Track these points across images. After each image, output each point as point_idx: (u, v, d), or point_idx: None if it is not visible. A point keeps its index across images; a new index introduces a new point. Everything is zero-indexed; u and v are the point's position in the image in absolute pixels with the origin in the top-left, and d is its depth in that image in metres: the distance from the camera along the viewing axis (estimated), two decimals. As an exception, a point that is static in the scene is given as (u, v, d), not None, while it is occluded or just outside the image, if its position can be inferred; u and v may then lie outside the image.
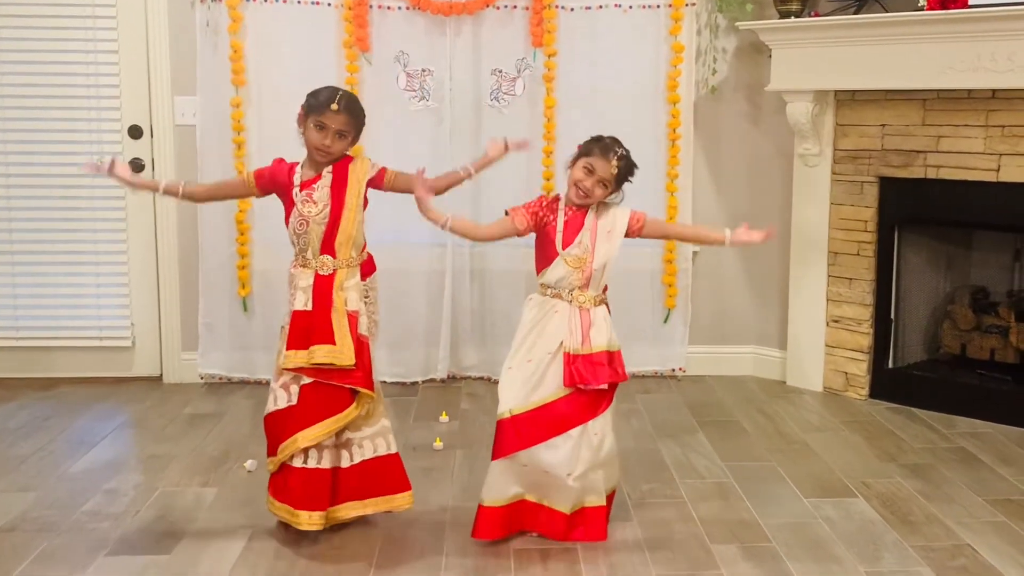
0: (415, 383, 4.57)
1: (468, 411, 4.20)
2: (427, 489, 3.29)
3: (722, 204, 4.64)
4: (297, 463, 2.90)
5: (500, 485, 2.89)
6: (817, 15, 4.19)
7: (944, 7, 3.76)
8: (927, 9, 3.81)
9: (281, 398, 2.93)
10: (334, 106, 2.84)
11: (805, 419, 4.09)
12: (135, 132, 4.44)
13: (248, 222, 4.43)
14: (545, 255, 2.90)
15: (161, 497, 3.27)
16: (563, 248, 2.86)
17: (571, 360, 2.83)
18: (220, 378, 4.55)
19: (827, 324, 4.41)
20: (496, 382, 4.47)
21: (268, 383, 4.45)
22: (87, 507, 3.18)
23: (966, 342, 4.30)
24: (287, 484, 2.91)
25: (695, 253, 4.63)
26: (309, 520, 2.88)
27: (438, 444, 3.73)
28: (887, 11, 4.05)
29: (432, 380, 4.59)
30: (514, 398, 2.87)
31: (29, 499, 3.24)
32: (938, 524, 3.06)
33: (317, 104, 2.87)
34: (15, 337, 4.54)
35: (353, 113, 2.90)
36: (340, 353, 2.86)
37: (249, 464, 3.51)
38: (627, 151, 2.89)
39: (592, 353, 2.84)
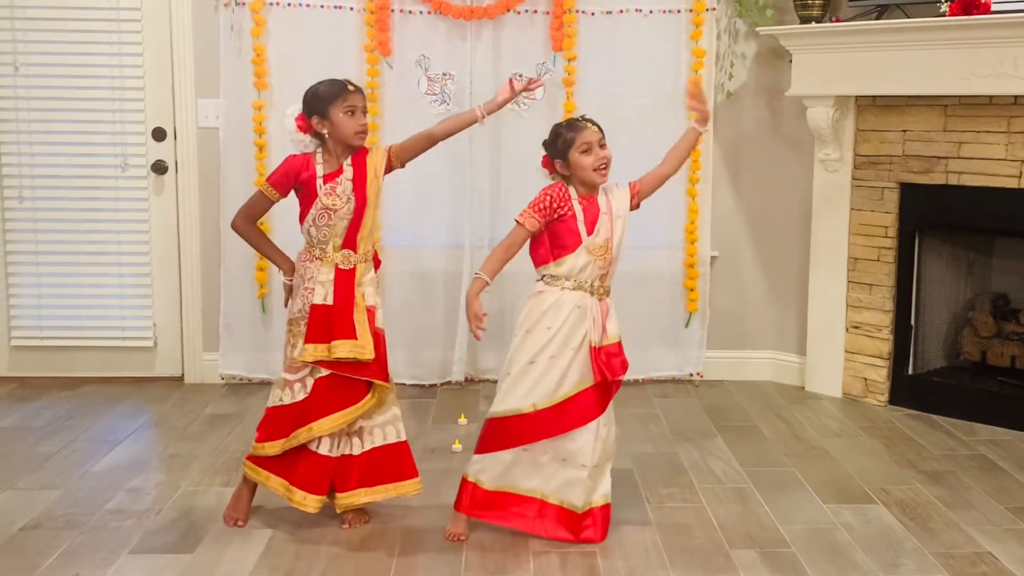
0: (433, 385, 4.59)
1: (486, 413, 4.20)
2: (446, 491, 3.29)
3: (742, 209, 4.64)
4: (311, 447, 2.95)
5: (507, 472, 2.90)
6: (838, 20, 4.18)
7: (966, 13, 3.75)
8: (949, 15, 3.80)
9: (287, 395, 2.96)
10: (351, 86, 2.91)
11: (824, 425, 4.08)
12: (159, 134, 4.48)
13: (268, 224, 4.45)
14: (561, 244, 2.86)
15: (183, 496, 3.30)
16: (587, 235, 2.84)
17: (597, 354, 2.84)
18: (240, 378, 4.58)
19: (847, 330, 4.40)
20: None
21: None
22: (110, 505, 3.22)
23: (986, 349, 4.28)
24: (294, 462, 2.95)
25: (714, 257, 4.64)
26: (303, 500, 2.94)
27: (457, 446, 3.75)
28: (909, 17, 4.04)
29: (449, 383, 4.60)
30: (540, 393, 2.85)
31: (53, 497, 3.27)
32: (958, 531, 3.05)
33: (336, 92, 2.89)
34: (39, 337, 4.59)
35: (361, 89, 2.97)
36: (363, 348, 2.90)
37: (270, 464, 3.54)
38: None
39: (610, 344, 2.87)
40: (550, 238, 2.90)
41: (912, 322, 4.30)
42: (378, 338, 2.97)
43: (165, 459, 3.66)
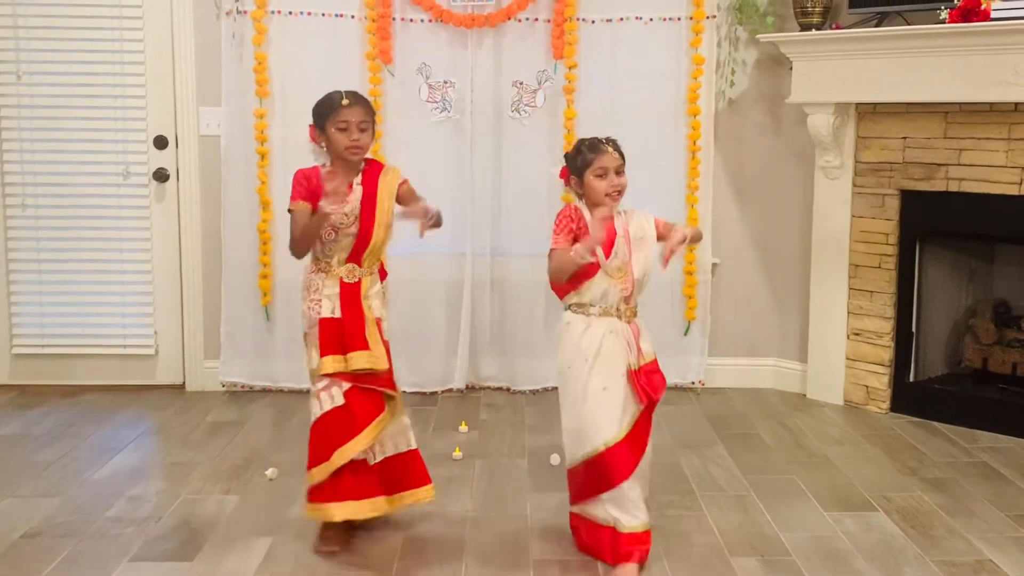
0: (434, 393, 4.59)
1: (487, 421, 4.22)
2: (447, 499, 3.30)
3: (743, 216, 4.64)
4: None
5: (640, 502, 2.82)
6: (838, 28, 4.19)
7: (966, 20, 3.75)
8: (949, 22, 3.80)
9: (326, 402, 2.92)
10: (345, 100, 2.88)
11: (826, 432, 4.08)
12: (160, 142, 4.49)
13: (271, 232, 4.47)
14: (580, 271, 2.79)
15: (184, 504, 3.29)
16: (605, 259, 2.78)
17: (638, 377, 2.80)
18: (242, 386, 4.58)
19: (848, 337, 4.40)
20: (515, 392, 4.58)
21: (289, 391, 4.54)
22: (111, 513, 3.22)
23: (988, 356, 4.28)
24: (338, 481, 2.90)
25: (715, 265, 4.64)
26: (340, 510, 2.90)
27: (457, 454, 3.75)
28: (909, 24, 4.05)
29: (451, 390, 4.60)
30: (607, 430, 2.77)
31: (53, 504, 3.27)
32: (960, 539, 3.05)
33: (329, 107, 2.89)
34: (40, 344, 4.59)
35: (365, 104, 2.94)
36: (377, 359, 2.90)
37: (270, 472, 3.54)
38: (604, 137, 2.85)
39: (646, 363, 2.84)
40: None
41: (913, 329, 4.30)
42: (386, 349, 2.98)
43: (166, 467, 3.66)
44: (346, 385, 2.90)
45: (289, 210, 2.94)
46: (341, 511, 2.91)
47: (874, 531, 3.11)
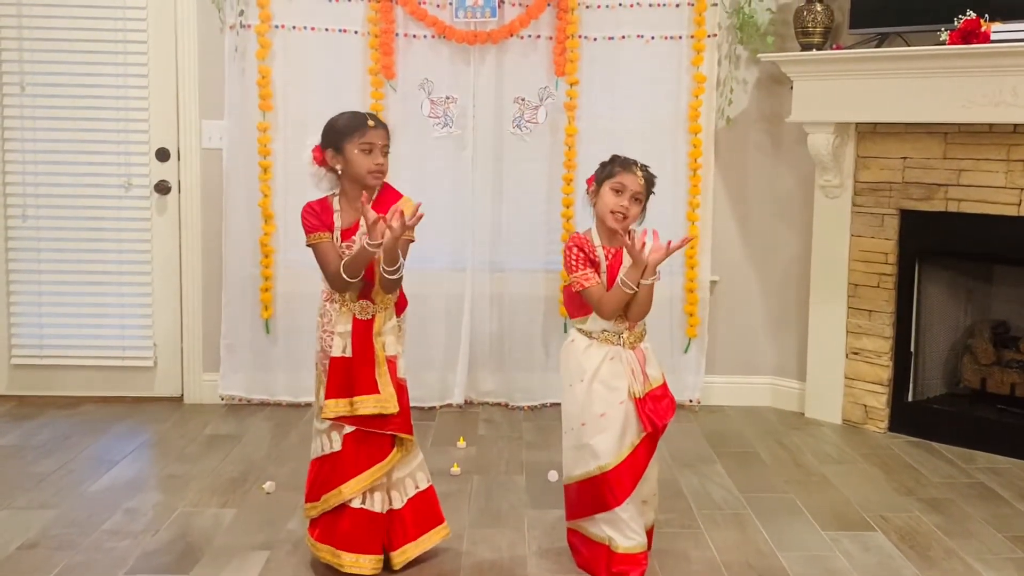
0: (432, 408, 4.58)
1: (485, 437, 4.21)
2: (445, 514, 3.28)
3: (742, 234, 4.65)
4: (352, 504, 2.80)
5: (635, 524, 2.82)
6: (839, 48, 4.21)
7: (966, 42, 3.77)
8: (949, 43, 3.82)
9: (325, 445, 2.83)
10: (371, 122, 2.71)
11: (823, 451, 4.08)
12: (162, 155, 4.50)
13: (272, 245, 4.48)
14: (581, 304, 2.79)
15: (180, 517, 3.29)
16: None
17: (642, 405, 2.76)
18: (240, 399, 4.58)
19: (847, 356, 4.40)
20: (513, 408, 4.58)
21: (287, 405, 4.54)
22: (107, 525, 3.21)
23: (986, 376, 4.28)
24: (334, 525, 2.81)
25: (714, 282, 4.64)
26: (355, 563, 2.79)
27: (455, 470, 3.74)
28: (909, 45, 4.07)
29: (449, 405, 4.60)
30: (604, 455, 2.75)
31: (50, 516, 3.27)
32: (957, 559, 3.04)
33: (352, 127, 2.70)
34: (39, 355, 4.59)
35: (385, 127, 2.77)
36: (386, 403, 2.77)
37: (268, 485, 3.53)
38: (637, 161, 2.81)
39: (653, 389, 2.80)
40: (578, 293, 2.79)
41: (912, 349, 4.30)
42: (400, 390, 2.83)
43: (163, 479, 3.65)
44: (348, 429, 2.78)
45: (310, 244, 2.76)
46: (335, 558, 2.81)
47: (872, 551, 3.10)
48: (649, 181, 2.80)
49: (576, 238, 2.83)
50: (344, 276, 2.71)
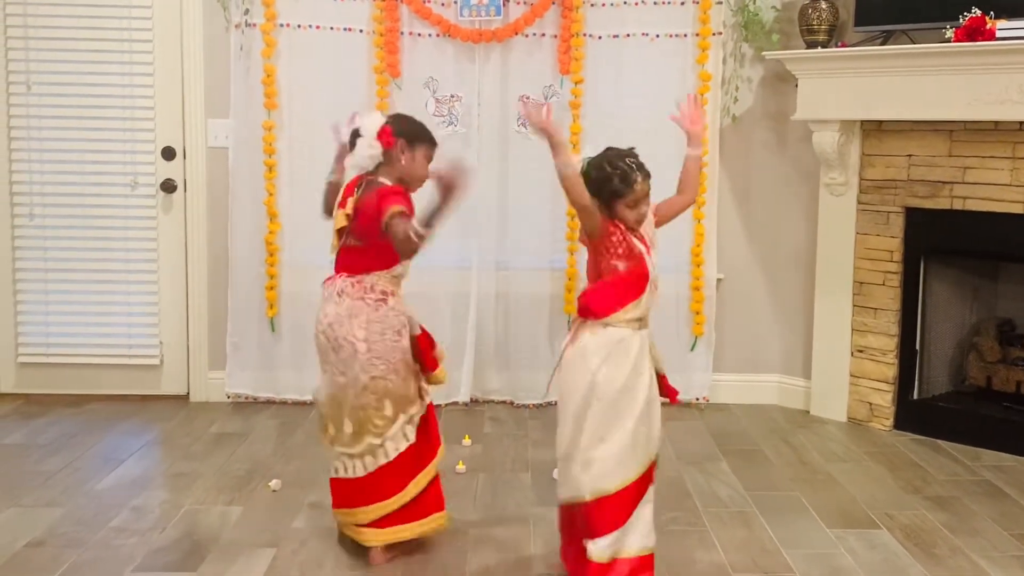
0: (437, 406, 4.58)
1: (490, 435, 4.22)
2: (450, 512, 3.30)
3: (748, 232, 4.65)
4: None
5: (646, 530, 2.70)
6: (844, 46, 4.21)
7: (971, 39, 3.77)
8: (954, 41, 3.82)
9: (398, 445, 2.92)
10: (437, 144, 2.93)
11: (829, 449, 4.08)
12: (168, 153, 4.51)
13: (277, 243, 4.49)
14: (635, 287, 2.65)
15: (187, 515, 3.30)
16: (652, 272, 2.67)
17: (663, 378, 2.76)
18: (246, 397, 4.59)
19: (852, 354, 4.40)
20: (519, 406, 4.58)
21: (293, 403, 4.54)
22: (114, 523, 3.22)
23: (992, 374, 4.28)
24: (426, 497, 2.98)
25: (719, 280, 4.64)
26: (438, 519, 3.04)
27: (460, 467, 3.75)
28: (914, 43, 4.06)
29: (455, 403, 4.60)
30: (631, 469, 2.64)
31: (57, 515, 3.28)
32: (963, 557, 3.04)
33: (428, 136, 2.91)
34: (46, 354, 4.61)
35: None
36: (441, 373, 3.09)
37: (274, 483, 3.54)
38: (631, 155, 2.65)
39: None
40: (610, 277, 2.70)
41: (917, 347, 4.30)
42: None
43: (170, 477, 3.66)
44: (418, 415, 2.98)
45: (402, 212, 2.77)
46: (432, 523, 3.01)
47: (877, 549, 3.10)
48: (648, 174, 2.66)
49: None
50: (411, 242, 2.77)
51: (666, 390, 2.79)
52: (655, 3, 4.45)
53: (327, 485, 3.07)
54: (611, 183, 2.60)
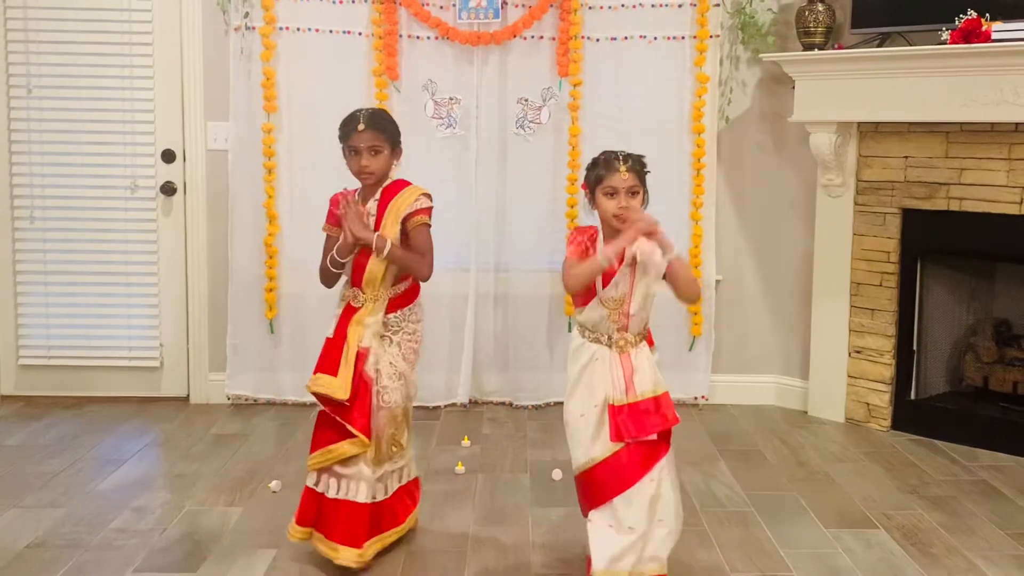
0: (437, 407, 4.60)
1: (490, 436, 4.23)
2: (449, 513, 3.32)
3: (745, 233, 4.66)
4: (308, 481, 2.94)
5: (611, 546, 2.59)
6: (841, 47, 4.22)
7: (967, 41, 3.79)
8: (950, 43, 3.84)
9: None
10: (360, 126, 2.86)
11: (827, 449, 4.09)
12: (168, 156, 4.53)
13: (277, 245, 4.51)
14: (584, 292, 2.67)
15: (188, 515, 3.31)
16: (602, 287, 2.63)
17: (616, 412, 2.60)
18: (246, 399, 4.60)
19: (849, 355, 4.41)
20: (518, 407, 4.61)
21: (293, 404, 4.57)
22: (115, 524, 3.24)
23: (989, 375, 4.29)
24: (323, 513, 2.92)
25: (718, 281, 4.66)
26: (292, 531, 2.96)
27: (460, 468, 3.76)
28: (910, 44, 4.08)
29: (454, 404, 4.62)
30: (578, 456, 2.67)
31: (58, 515, 3.29)
32: (960, 557, 3.06)
33: (344, 131, 2.90)
34: (46, 356, 4.62)
35: (379, 126, 2.89)
36: (335, 388, 2.84)
37: (274, 484, 3.56)
38: (623, 150, 2.66)
39: (638, 401, 2.61)
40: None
41: (914, 347, 4.31)
42: (364, 387, 2.87)
43: (170, 479, 3.68)
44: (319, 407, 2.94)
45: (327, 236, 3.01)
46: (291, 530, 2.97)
47: (874, 548, 3.12)
48: (638, 169, 2.65)
49: (583, 228, 2.74)
50: (329, 266, 2.96)
51: (611, 423, 2.62)
52: (653, 6, 4.47)
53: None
54: (596, 168, 2.68)
